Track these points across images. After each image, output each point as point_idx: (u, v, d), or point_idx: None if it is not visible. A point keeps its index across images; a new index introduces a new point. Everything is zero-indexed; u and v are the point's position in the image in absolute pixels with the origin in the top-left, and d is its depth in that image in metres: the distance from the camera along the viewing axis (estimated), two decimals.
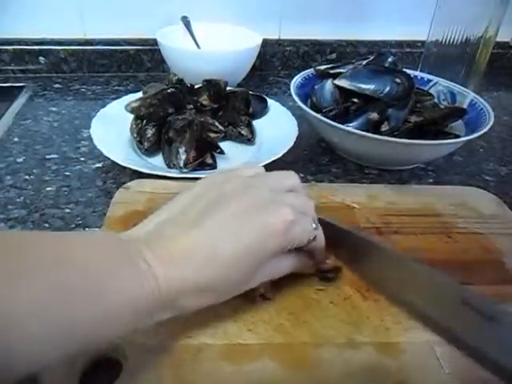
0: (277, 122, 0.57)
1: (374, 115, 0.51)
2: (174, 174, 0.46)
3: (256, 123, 0.57)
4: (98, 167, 0.51)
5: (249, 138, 0.55)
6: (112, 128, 0.52)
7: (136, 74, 0.77)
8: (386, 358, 0.29)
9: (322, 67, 0.60)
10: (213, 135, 0.51)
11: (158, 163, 0.50)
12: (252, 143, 0.55)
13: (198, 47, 0.73)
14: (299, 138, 0.52)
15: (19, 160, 0.51)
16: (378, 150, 0.49)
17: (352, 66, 0.57)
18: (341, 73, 0.56)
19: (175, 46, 0.67)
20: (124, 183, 0.45)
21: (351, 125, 0.50)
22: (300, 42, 0.81)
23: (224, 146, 0.52)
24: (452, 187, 0.49)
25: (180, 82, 0.56)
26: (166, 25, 0.71)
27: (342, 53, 0.82)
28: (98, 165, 0.51)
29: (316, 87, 0.57)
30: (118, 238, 0.26)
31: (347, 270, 0.36)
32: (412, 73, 0.58)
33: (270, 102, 0.61)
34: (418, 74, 0.61)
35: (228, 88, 0.58)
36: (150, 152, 0.51)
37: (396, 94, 0.52)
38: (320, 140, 0.58)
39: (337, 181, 0.51)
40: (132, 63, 0.77)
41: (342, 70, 0.57)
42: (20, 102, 0.65)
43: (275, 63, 0.81)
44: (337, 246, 0.35)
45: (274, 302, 0.33)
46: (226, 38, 0.72)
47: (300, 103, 0.52)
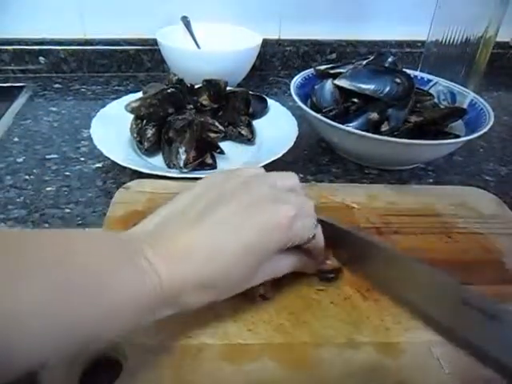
0: (277, 122, 0.57)
1: (374, 115, 0.51)
2: (173, 174, 0.46)
3: (256, 123, 0.57)
4: (98, 167, 0.51)
5: (249, 138, 0.55)
6: (112, 128, 0.52)
7: (136, 74, 0.77)
8: (385, 357, 0.29)
9: (322, 67, 0.60)
10: (213, 135, 0.51)
11: (158, 163, 0.50)
12: (252, 143, 0.55)
13: (198, 47, 0.73)
14: (299, 137, 0.52)
15: (19, 160, 0.51)
16: (378, 150, 0.49)
17: (352, 66, 0.57)
18: (341, 73, 0.56)
19: (175, 46, 0.67)
20: (124, 183, 0.45)
21: (351, 125, 0.50)
22: (300, 41, 0.81)
23: (224, 146, 0.52)
24: (452, 187, 0.49)
25: (180, 82, 0.56)
26: (166, 25, 0.71)
27: (342, 53, 0.82)
28: (98, 165, 0.51)
29: (316, 87, 0.57)
30: (118, 237, 0.26)
31: (347, 270, 0.36)
32: (412, 73, 0.58)
33: (270, 101, 0.61)
34: (418, 74, 0.61)
35: (228, 88, 0.58)
36: (150, 152, 0.51)
37: (396, 94, 0.52)
38: (320, 140, 0.58)
39: (337, 181, 0.51)
40: (132, 63, 0.77)
41: (342, 70, 0.57)
42: (20, 102, 0.65)
43: (275, 63, 0.81)
44: (336, 247, 0.35)
45: (274, 302, 0.33)
46: (225, 37, 0.72)
47: (300, 103, 0.52)
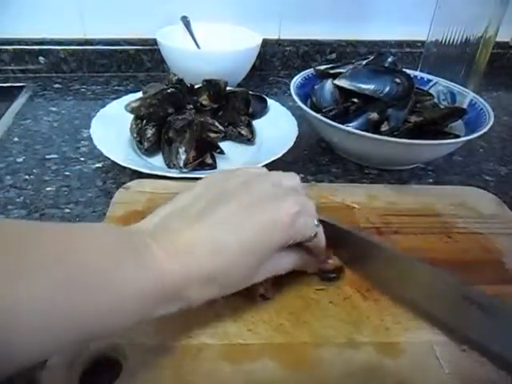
0: (277, 122, 0.57)
1: (374, 115, 0.51)
2: (173, 174, 0.46)
3: (256, 123, 0.57)
4: (98, 167, 0.51)
5: (249, 138, 0.55)
6: (112, 128, 0.52)
7: (136, 74, 0.77)
8: (386, 358, 0.29)
9: (322, 67, 0.60)
10: (213, 135, 0.51)
11: (157, 163, 0.50)
12: (252, 143, 0.55)
13: (198, 47, 0.73)
14: (299, 137, 0.52)
15: (19, 160, 0.51)
16: (378, 150, 0.49)
17: (352, 66, 0.57)
18: (341, 73, 0.56)
19: (175, 46, 0.67)
20: (124, 183, 0.45)
21: (351, 125, 0.50)
22: (300, 42, 0.81)
23: (224, 146, 0.52)
24: (452, 187, 0.49)
25: (180, 82, 0.56)
26: (165, 25, 0.71)
27: (342, 53, 0.82)
28: (97, 165, 0.51)
29: (316, 87, 0.57)
30: (121, 230, 0.26)
31: (347, 270, 0.36)
32: (412, 73, 0.58)
33: (270, 102, 0.61)
34: (418, 74, 0.61)
35: (228, 88, 0.58)
36: (150, 152, 0.51)
37: (396, 94, 0.52)
38: (320, 140, 0.58)
39: (337, 181, 0.51)
40: (132, 63, 0.77)
41: (341, 70, 0.57)
42: (20, 101, 0.65)
43: (275, 63, 0.81)
44: (337, 246, 0.35)
45: (274, 302, 0.33)
46: (225, 38, 0.72)
47: (300, 103, 0.52)
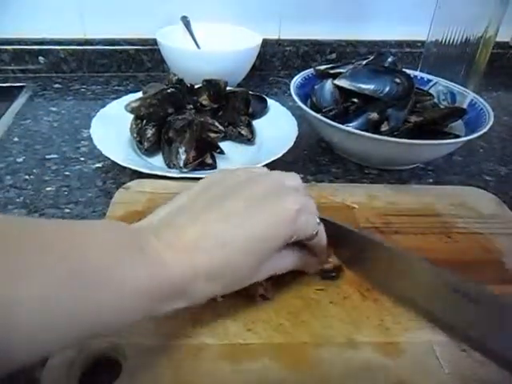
0: (277, 122, 0.57)
1: (374, 115, 0.51)
2: (173, 174, 0.46)
3: (256, 123, 0.57)
4: (98, 167, 0.51)
5: (249, 138, 0.55)
6: (112, 128, 0.52)
7: (136, 74, 0.77)
8: (386, 358, 0.29)
9: (322, 67, 0.60)
10: (213, 135, 0.51)
11: (157, 163, 0.50)
12: (252, 143, 0.55)
13: (198, 47, 0.73)
14: (299, 137, 0.52)
15: (19, 160, 0.51)
16: (378, 150, 0.49)
17: (352, 66, 0.57)
18: (341, 73, 0.56)
19: (175, 46, 0.67)
20: (124, 183, 0.45)
21: (351, 125, 0.50)
22: (300, 42, 0.81)
23: (224, 146, 0.52)
24: (452, 187, 0.49)
25: (180, 82, 0.56)
26: (165, 25, 0.71)
27: (342, 53, 0.82)
28: (97, 165, 0.51)
29: (316, 87, 0.57)
30: (123, 227, 0.26)
31: (347, 270, 0.36)
32: (412, 73, 0.58)
33: (270, 101, 0.61)
34: (418, 74, 0.61)
35: (228, 88, 0.58)
36: (150, 152, 0.51)
37: (396, 94, 0.52)
38: (320, 140, 0.58)
39: (337, 181, 0.51)
40: (132, 63, 0.77)
41: (341, 70, 0.57)
42: (20, 101, 0.65)
43: (275, 63, 0.81)
44: (337, 245, 0.35)
45: (274, 302, 0.33)
46: (225, 38, 0.72)
47: (300, 103, 0.52)
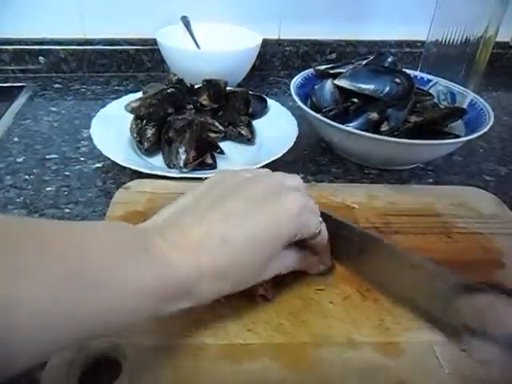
0: (277, 122, 0.57)
1: (374, 115, 0.51)
2: (173, 174, 0.46)
3: (256, 123, 0.57)
4: (98, 167, 0.51)
5: (249, 138, 0.55)
6: (112, 128, 0.52)
7: (136, 74, 0.77)
8: (386, 358, 0.29)
9: (322, 67, 0.60)
10: (213, 135, 0.51)
11: (157, 163, 0.50)
12: (252, 143, 0.55)
13: (198, 47, 0.73)
14: (299, 137, 0.52)
15: (19, 160, 0.51)
16: (378, 150, 0.49)
17: (352, 66, 0.57)
18: (341, 73, 0.56)
19: (175, 46, 0.66)
20: (124, 183, 0.45)
21: (351, 125, 0.50)
22: (300, 42, 0.81)
23: (224, 146, 0.52)
24: (452, 187, 0.49)
25: (180, 82, 0.56)
26: (165, 25, 0.71)
27: (342, 53, 0.82)
28: (97, 165, 0.51)
29: (316, 87, 0.57)
30: (125, 228, 0.26)
31: (346, 270, 0.36)
32: (412, 73, 0.58)
33: (270, 101, 0.61)
34: (418, 74, 0.61)
35: (228, 88, 0.58)
36: (150, 152, 0.51)
37: (396, 94, 0.52)
38: (320, 140, 0.58)
39: (337, 181, 0.51)
40: (132, 63, 0.77)
41: (341, 70, 0.57)
42: (20, 101, 0.65)
43: (275, 63, 0.81)
44: (336, 241, 0.35)
45: (274, 302, 0.33)
46: (225, 38, 0.72)
47: (300, 103, 0.52)
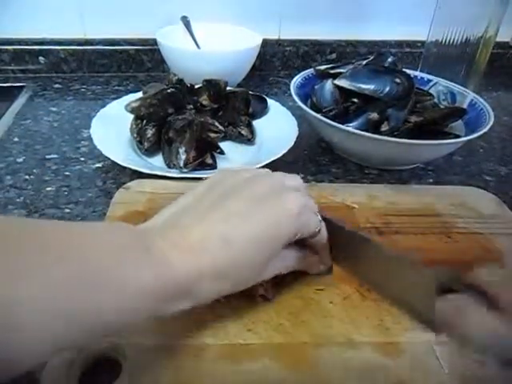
0: (277, 122, 0.57)
1: (374, 115, 0.51)
2: (174, 174, 0.46)
3: (256, 123, 0.57)
4: (98, 167, 0.51)
5: (249, 138, 0.55)
6: (112, 128, 0.52)
7: (136, 74, 0.77)
8: (386, 358, 0.29)
9: (322, 67, 0.60)
10: (213, 135, 0.51)
11: (158, 163, 0.50)
12: (252, 143, 0.55)
13: (198, 47, 0.73)
14: (299, 138, 0.52)
15: (19, 160, 0.51)
16: (378, 150, 0.49)
17: (352, 66, 0.57)
18: (341, 73, 0.56)
19: (175, 46, 0.66)
20: (124, 183, 0.45)
21: (351, 125, 0.50)
22: (300, 41, 0.81)
23: (224, 146, 0.52)
24: (452, 187, 0.49)
25: (180, 82, 0.56)
26: (165, 25, 0.71)
27: (342, 53, 0.82)
28: (97, 165, 0.51)
29: (316, 87, 0.57)
30: (125, 228, 0.26)
31: (346, 270, 0.36)
32: (412, 73, 0.58)
33: (270, 101, 0.61)
34: (418, 74, 0.61)
35: (228, 88, 0.58)
36: (150, 152, 0.51)
37: (396, 94, 0.52)
38: (320, 140, 0.58)
39: (337, 181, 0.51)
40: (132, 63, 0.77)
41: (341, 70, 0.57)
42: (20, 102, 0.65)
43: (275, 63, 0.81)
44: (332, 243, 0.35)
45: (274, 302, 0.33)
46: (225, 38, 0.72)
47: (300, 103, 0.52)
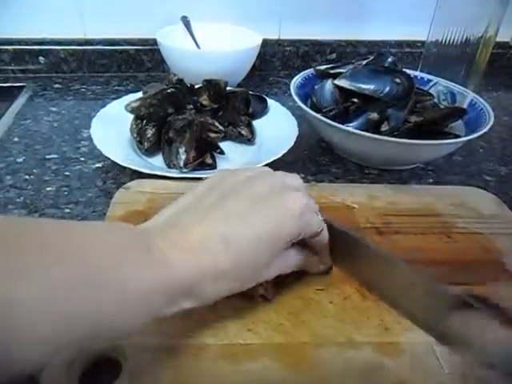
0: (277, 122, 0.57)
1: (374, 115, 0.51)
2: (174, 174, 0.46)
3: (256, 123, 0.57)
4: (98, 167, 0.51)
5: (249, 138, 0.55)
6: (112, 128, 0.52)
7: (136, 74, 0.77)
8: (386, 358, 0.29)
9: (322, 67, 0.60)
10: (213, 135, 0.51)
11: (158, 163, 0.50)
12: (252, 143, 0.55)
13: (198, 47, 0.73)
14: (299, 138, 0.52)
15: (19, 160, 0.51)
16: (378, 150, 0.49)
17: (352, 66, 0.57)
18: (341, 73, 0.56)
19: (175, 46, 0.66)
20: (124, 183, 0.45)
21: (351, 125, 0.50)
22: (300, 41, 0.81)
23: (224, 146, 0.52)
24: (452, 187, 0.49)
25: (180, 82, 0.56)
26: (165, 25, 0.71)
27: (342, 53, 0.82)
28: (97, 165, 0.51)
29: (316, 87, 0.57)
30: (128, 228, 0.26)
31: (344, 271, 0.36)
32: (412, 73, 0.58)
33: (270, 101, 0.61)
34: (418, 74, 0.61)
35: (228, 88, 0.58)
36: (150, 152, 0.51)
37: (396, 94, 0.52)
38: (320, 140, 0.58)
39: (337, 181, 0.51)
40: (132, 63, 0.77)
41: (341, 70, 0.57)
42: (20, 102, 0.65)
43: (275, 63, 0.81)
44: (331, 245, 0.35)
45: (274, 302, 0.33)
46: (225, 38, 0.72)
47: (300, 103, 0.52)
